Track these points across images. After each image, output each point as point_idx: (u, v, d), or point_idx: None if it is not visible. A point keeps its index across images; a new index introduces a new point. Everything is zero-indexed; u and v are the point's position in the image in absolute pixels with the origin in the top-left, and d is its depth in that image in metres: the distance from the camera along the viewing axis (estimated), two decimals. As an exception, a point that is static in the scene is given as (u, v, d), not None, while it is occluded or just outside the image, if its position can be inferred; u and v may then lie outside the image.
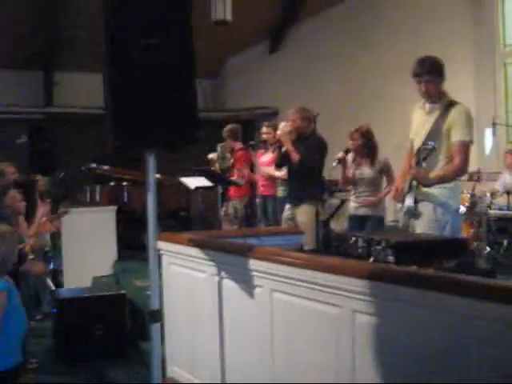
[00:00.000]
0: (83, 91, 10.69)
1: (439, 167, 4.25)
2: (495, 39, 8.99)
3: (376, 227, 5.71)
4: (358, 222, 5.94)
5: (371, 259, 2.93)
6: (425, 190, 4.21)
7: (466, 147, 4.23)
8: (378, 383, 2.49)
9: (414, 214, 4.17)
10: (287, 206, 6.19)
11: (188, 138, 3.02)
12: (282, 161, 6.25)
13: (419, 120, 4.47)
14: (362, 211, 5.97)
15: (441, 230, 4.06)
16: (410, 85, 4.47)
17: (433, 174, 4.21)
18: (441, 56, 4.38)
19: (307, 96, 11.10)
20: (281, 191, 7.08)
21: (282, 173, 6.78)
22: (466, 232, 7.05)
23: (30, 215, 6.08)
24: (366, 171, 6.00)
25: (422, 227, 4.16)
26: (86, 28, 6.82)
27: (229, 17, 8.60)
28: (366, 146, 6.02)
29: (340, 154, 5.87)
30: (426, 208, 4.19)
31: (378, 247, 2.92)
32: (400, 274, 2.45)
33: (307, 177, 5.96)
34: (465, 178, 5.66)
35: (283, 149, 6.10)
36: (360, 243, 3.07)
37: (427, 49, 8.53)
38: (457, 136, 4.20)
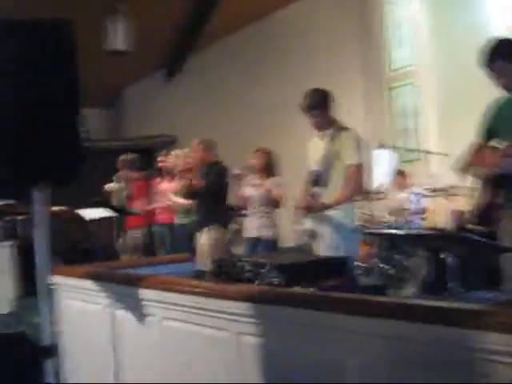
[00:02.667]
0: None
1: (331, 189, 4.44)
2: (381, 65, 9.42)
3: (267, 249, 5.85)
4: (250, 244, 6.09)
5: (256, 282, 3.02)
6: (322, 212, 4.39)
7: (356, 170, 4.43)
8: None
9: (311, 236, 4.36)
10: (197, 234, 6.29)
11: (71, 171, 3.03)
12: (191, 192, 6.36)
13: (314, 148, 4.67)
14: (252, 233, 6.12)
15: (338, 250, 4.23)
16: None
17: (327, 200, 4.40)
18: (330, 84, 4.61)
19: (205, 123, 11.26)
20: (181, 218, 7.13)
21: (188, 201, 6.85)
22: (362, 250, 7.30)
23: None
24: (257, 191, 6.15)
25: (321, 248, 4.34)
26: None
27: (122, 47, 8.62)
28: (265, 166, 6.18)
29: (236, 171, 6.09)
30: (323, 230, 4.37)
31: (263, 270, 3.01)
32: (278, 294, 2.56)
33: (211, 202, 6.14)
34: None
35: (193, 181, 6.24)
36: (247, 267, 3.15)
37: (317, 78, 8.91)
38: (347, 160, 4.41)
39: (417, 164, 8.53)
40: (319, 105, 4.49)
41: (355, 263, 4.23)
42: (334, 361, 2.28)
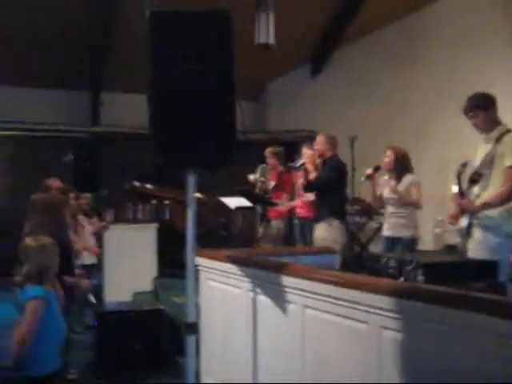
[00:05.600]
0: (128, 111, 10.93)
1: (491, 191, 4.33)
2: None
3: (405, 249, 5.76)
4: (388, 243, 6.02)
5: (401, 279, 2.99)
6: (480, 212, 4.30)
7: None
8: (404, 398, 2.55)
9: (465, 235, 4.30)
10: (315, 227, 6.37)
11: (226, 158, 3.14)
12: (308, 185, 6.48)
13: (480, 151, 4.57)
14: (391, 232, 6.04)
15: (490, 253, 4.12)
16: (453, 110, 4.59)
17: (479, 201, 4.30)
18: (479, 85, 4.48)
19: (347, 119, 11.22)
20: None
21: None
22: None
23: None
24: (394, 192, 6.07)
25: (472, 249, 4.26)
26: (132, 49, 7.04)
27: (271, 41, 8.73)
28: (398, 166, 6.10)
29: (368, 170, 6.05)
30: (477, 230, 4.29)
31: (408, 267, 2.98)
32: (426, 292, 2.52)
33: (326, 195, 6.21)
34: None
35: (310, 175, 6.34)
36: (391, 263, 3.13)
37: (461, 77, 8.62)
38: (507, 162, 4.27)
39: None
40: (481, 105, 4.42)
41: (507, 269, 4.06)
42: (471, 362, 2.23)
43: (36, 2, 9.58)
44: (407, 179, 6.08)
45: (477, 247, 4.22)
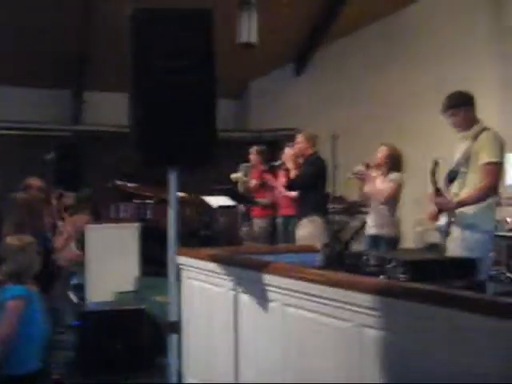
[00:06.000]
0: (110, 110, 10.89)
1: (469, 189, 4.35)
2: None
3: (389, 247, 5.78)
4: (371, 241, 6.04)
5: (383, 277, 3.00)
6: (458, 210, 4.32)
7: (492, 169, 4.29)
8: (385, 396, 2.56)
9: (444, 233, 4.32)
10: (297, 225, 6.42)
11: (207, 156, 3.14)
12: (289, 183, 6.54)
13: (458, 150, 4.60)
14: (374, 231, 6.06)
15: (468, 250, 4.14)
16: (436, 108, 4.62)
17: (457, 199, 4.32)
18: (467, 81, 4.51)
19: (330, 118, 11.25)
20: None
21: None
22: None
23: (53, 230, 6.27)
24: (375, 187, 6.07)
25: (452, 247, 4.29)
26: (114, 48, 7.00)
27: (253, 40, 8.74)
28: (388, 163, 6.11)
29: (358, 167, 6.07)
30: (455, 228, 4.32)
31: (389, 265, 2.99)
32: (407, 290, 2.53)
33: (306, 193, 6.26)
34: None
35: (291, 174, 6.40)
36: (372, 261, 3.14)
37: (444, 75, 8.68)
38: (484, 158, 4.29)
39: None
40: (460, 104, 4.45)
41: (486, 267, 4.10)
42: (451, 359, 2.24)
43: (20, 2, 9.52)
44: (392, 176, 6.07)
45: (456, 245, 4.25)
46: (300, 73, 13.06)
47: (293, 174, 6.42)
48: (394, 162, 6.13)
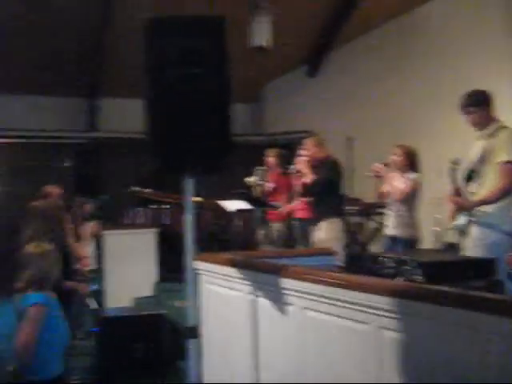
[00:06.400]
0: (126, 117, 10.95)
1: (487, 187, 4.34)
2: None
3: (407, 248, 5.76)
4: (390, 242, 6.02)
5: (400, 278, 3.00)
6: (476, 209, 4.31)
7: (509, 167, 4.28)
8: (404, 398, 2.56)
9: (462, 232, 4.31)
10: (314, 228, 6.41)
11: (223, 162, 3.16)
12: (307, 188, 6.55)
13: (474, 148, 4.59)
14: (392, 232, 6.03)
15: (486, 250, 4.13)
16: (452, 108, 4.62)
17: (475, 198, 4.31)
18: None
19: (345, 120, 11.23)
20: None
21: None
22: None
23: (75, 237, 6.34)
24: (394, 188, 6.05)
25: (470, 246, 4.27)
26: (129, 55, 7.05)
27: (267, 43, 8.76)
28: (407, 163, 6.09)
29: (378, 166, 6.06)
30: (473, 227, 4.30)
31: (407, 267, 2.99)
32: (424, 291, 2.52)
33: (323, 196, 6.28)
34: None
35: (306, 179, 6.42)
36: (389, 263, 3.14)
37: (468, 69, 8.61)
38: (502, 156, 4.28)
39: None
40: (477, 102, 4.45)
41: (504, 267, 4.07)
42: (472, 361, 2.23)
43: (34, 8, 9.60)
44: (411, 176, 6.05)
45: (474, 245, 4.24)
46: (314, 75, 13.04)
47: (309, 178, 6.41)
48: (411, 162, 6.12)
